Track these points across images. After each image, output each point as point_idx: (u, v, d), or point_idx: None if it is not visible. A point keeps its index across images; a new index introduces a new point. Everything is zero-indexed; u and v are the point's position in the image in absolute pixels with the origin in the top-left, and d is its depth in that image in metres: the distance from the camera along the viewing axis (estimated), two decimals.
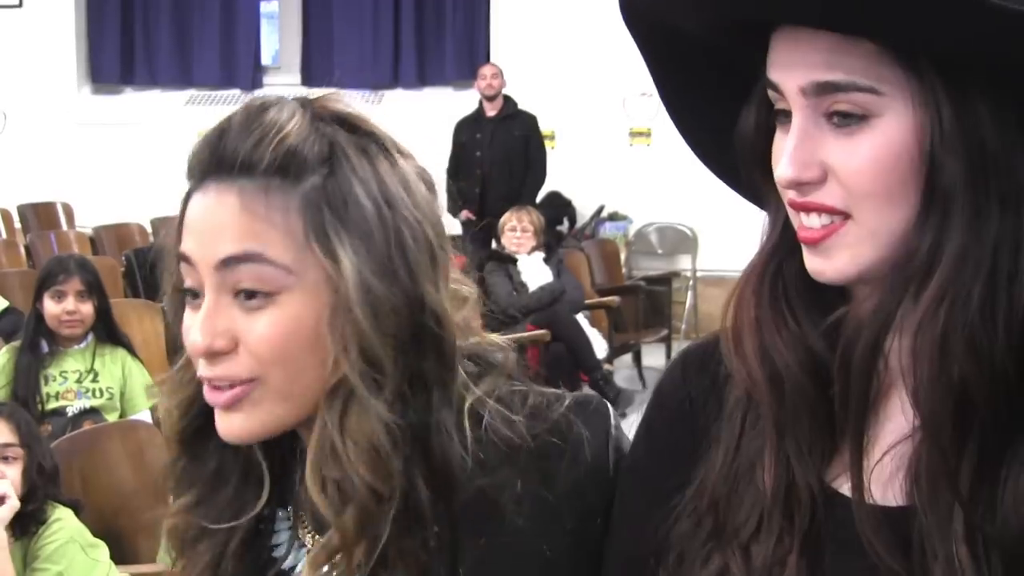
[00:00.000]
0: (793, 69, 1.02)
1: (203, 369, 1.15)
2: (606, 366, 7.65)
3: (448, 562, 1.16)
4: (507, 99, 9.44)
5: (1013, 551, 0.99)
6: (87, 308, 4.82)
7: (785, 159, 1.02)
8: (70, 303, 4.77)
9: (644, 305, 8.83)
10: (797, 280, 1.09)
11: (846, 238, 1.03)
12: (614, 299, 8.18)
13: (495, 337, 1.26)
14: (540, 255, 7.66)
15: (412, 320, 1.13)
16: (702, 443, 1.16)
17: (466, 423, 1.17)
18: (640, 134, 10.27)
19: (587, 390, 7.08)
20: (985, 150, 0.98)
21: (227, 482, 1.24)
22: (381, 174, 1.15)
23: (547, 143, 9.68)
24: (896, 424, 1.06)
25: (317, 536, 1.23)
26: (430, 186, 1.21)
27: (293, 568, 1.25)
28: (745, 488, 1.10)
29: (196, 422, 1.23)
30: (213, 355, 1.13)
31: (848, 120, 1.01)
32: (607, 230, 10.21)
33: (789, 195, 1.05)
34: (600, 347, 7.62)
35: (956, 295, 0.99)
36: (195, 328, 1.14)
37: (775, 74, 1.04)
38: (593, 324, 7.81)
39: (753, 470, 1.10)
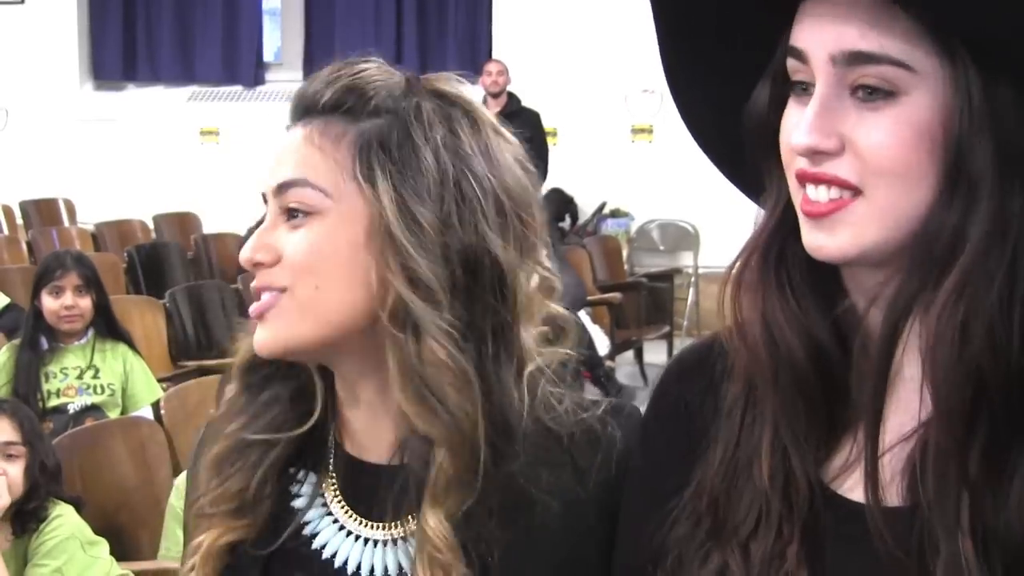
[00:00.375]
0: (824, 36, 1.00)
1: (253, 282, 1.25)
2: (608, 363, 7.65)
3: (486, 514, 1.19)
4: (511, 96, 9.44)
5: (1017, 549, 0.98)
6: (85, 302, 4.82)
7: (804, 126, 1.01)
8: (68, 298, 4.77)
9: (646, 302, 8.82)
10: (800, 263, 1.08)
11: (853, 214, 1.01)
12: (616, 296, 8.18)
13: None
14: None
15: (467, 252, 1.18)
16: (699, 445, 1.15)
17: (524, 383, 1.21)
18: (642, 131, 10.26)
19: (588, 387, 7.09)
20: (1012, 137, 0.98)
21: (277, 404, 1.29)
22: (458, 136, 1.21)
23: (549, 140, 9.67)
24: (894, 424, 1.05)
25: (347, 507, 1.26)
26: (528, 171, 1.26)
27: (315, 536, 1.27)
28: (744, 485, 1.10)
29: (256, 356, 1.29)
30: (256, 266, 1.22)
31: (874, 95, 1.00)
32: (609, 227, 10.21)
33: (799, 165, 1.03)
34: (602, 344, 7.62)
35: (979, 282, 0.98)
36: (246, 244, 1.24)
37: (803, 40, 1.02)
38: (595, 321, 7.81)
39: (751, 467, 1.10)
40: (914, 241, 1.02)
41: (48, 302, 4.79)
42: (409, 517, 1.23)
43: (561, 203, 10.05)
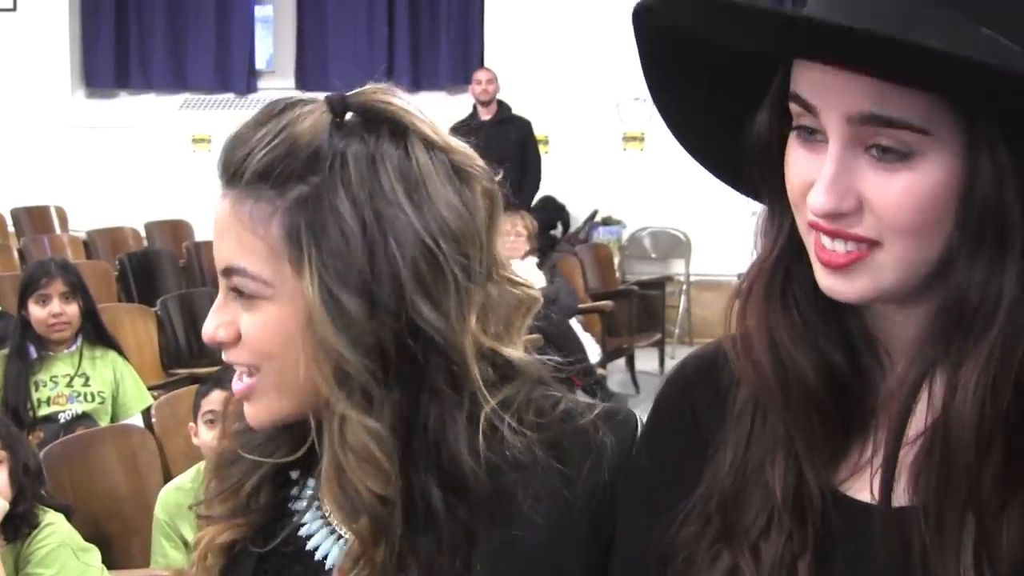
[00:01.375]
0: (839, 96, 0.99)
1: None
2: (599, 370, 7.65)
3: (463, 555, 1.19)
4: (501, 104, 9.45)
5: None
6: (72, 309, 4.81)
7: (822, 188, 1.00)
8: (55, 306, 4.77)
9: (637, 309, 8.83)
10: (807, 287, 1.08)
11: (871, 263, 1.02)
12: (607, 303, 8.19)
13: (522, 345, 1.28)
14: (533, 260, 7.67)
15: (398, 334, 1.16)
16: (706, 452, 1.15)
17: (481, 427, 1.19)
18: (634, 139, 10.27)
19: (580, 395, 7.09)
20: None
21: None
22: (383, 183, 1.16)
23: (541, 148, 9.68)
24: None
25: (339, 511, 1.27)
26: (467, 179, 1.21)
27: (309, 537, 1.28)
28: (754, 487, 1.10)
29: None
30: (220, 344, 1.22)
31: (888, 155, 0.99)
32: (601, 235, 10.21)
33: (814, 218, 1.03)
34: (593, 351, 7.62)
35: (1011, 341, 0.99)
36: (208, 319, 1.23)
37: (813, 95, 1.01)
38: (587, 328, 7.82)
39: (762, 469, 1.10)
40: (930, 286, 1.03)
41: (35, 311, 4.78)
42: None
43: (552, 211, 10.06)
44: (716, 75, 1.12)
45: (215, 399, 3.50)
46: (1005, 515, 1.00)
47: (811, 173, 1.03)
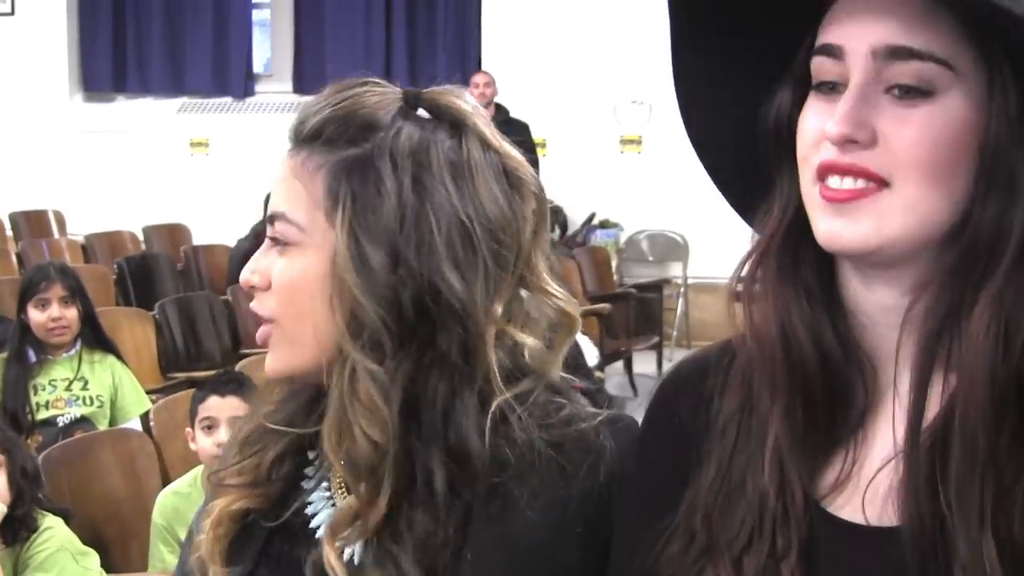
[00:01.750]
0: (866, 29, 1.01)
1: None
2: (597, 373, 7.65)
3: (457, 539, 1.20)
4: (499, 107, 9.45)
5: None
6: (71, 313, 4.81)
7: (839, 115, 1.01)
8: (55, 310, 4.77)
9: (635, 312, 8.82)
10: (815, 267, 1.08)
11: (877, 204, 1.01)
12: (605, 306, 8.18)
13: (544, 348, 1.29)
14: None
15: (417, 294, 1.20)
16: (692, 461, 1.15)
17: (491, 413, 1.21)
18: (631, 142, 10.28)
19: (583, 401, 7.08)
20: None
21: (298, 399, 1.34)
22: (429, 167, 1.23)
23: (538, 151, 9.69)
24: (881, 443, 1.06)
25: (344, 489, 1.29)
26: (516, 184, 1.27)
27: (315, 515, 1.31)
28: (737, 500, 1.09)
29: None
30: (252, 289, 1.29)
31: (910, 93, 1.00)
32: (598, 237, 10.21)
33: (826, 156, 1.02)
34: (591, 354, 7.61)
35: (1021, 285, 0.99)
36: (248, 265, 1.30)
37: (840, 35, 1.03)
38: (584, 331, 7.80)
39: (744, 483, 1.09)
40: (931, 245, 1.02)
41: (35, 315, 4.78)
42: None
43: (550, 214, 10.05)
44: (738, 59, 1.13)
45: (212, 405, 3.50)
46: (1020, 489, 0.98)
47: (826, 120, 1.03)
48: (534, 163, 7.13)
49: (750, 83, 1.12)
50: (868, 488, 1.05)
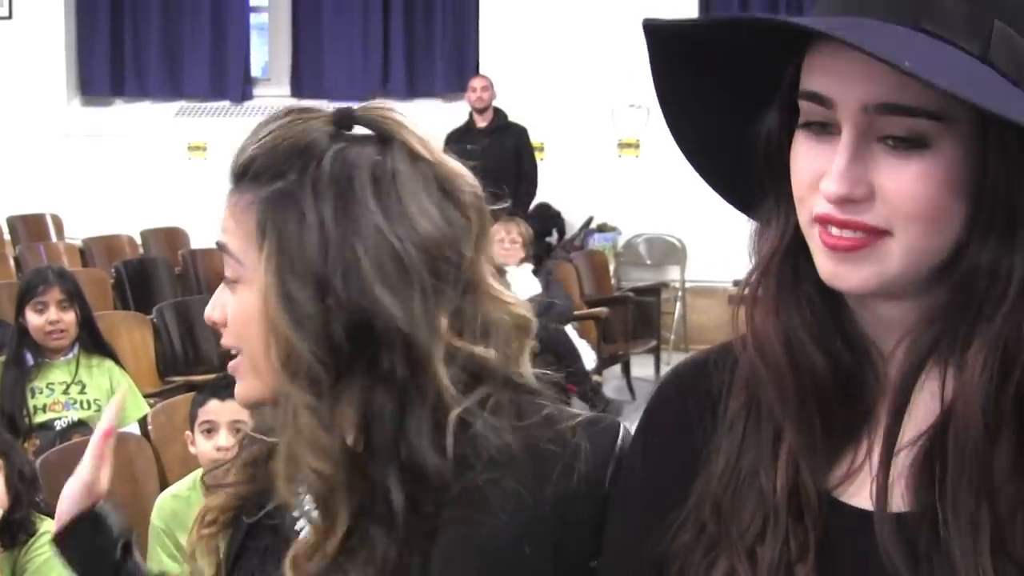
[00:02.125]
0: (856, 85, 1.01)
1: None
2: (595, 377, 7.65)
3: (423, 549, 1.21)
4: (497, 111, 9.46)
5: None
6: (69, 317, 4.82)
7: (835, 175, 1.01)
8: (52, 313, 4.78)
9: (633, 316, 8.83)
10: (814, 282, 1.09)
11: (878, 251, 1.03)
12: (603, 310, 8.19)
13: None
14: (529, 267, 7.67)
15: (350, 325, 1.20)
16: (699, 458, 1.16)
17: (450, 424, 1.21)
18: (629, 145, 10.28)
19: (576, 401, 7.09)
20: None
21: None
22: (355, 185, 1.22)
23: (536, 155, 9.69)
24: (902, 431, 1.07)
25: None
26: (453, 194, 1.26)
27: (299, 517, 1.32)
28: (748, 491, 1.11)
29: None
30: (214, 325, 1.33)
31: (903, 143, 1.00)
32: (596, 241, 10.22)
33: (823, 210, 1.03)
34: (589, 358, 7.62)
35: (1021, 323, 1.00)
36: (211, 300, 1.33)
37: (827, 86, 1.03)
38: (582, 335, 7.82)
39: (756, 475, 1.11)
40: (932, 278, 1.04)
41: (32, 318, 4.79)
42: None
43: (548, 218, 10.07)
44: (724, 81, 1.13)
45: (212, 409, 3.49)
46: (1020, 507, 1.00)
47: (821, 165, 1.03)
48: (533, 167, 7.12)
49: (732, 108, 1.13)
50: (876, 476, 1.06)
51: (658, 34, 1.11)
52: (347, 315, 1.20)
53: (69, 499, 1.80)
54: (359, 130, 1.27)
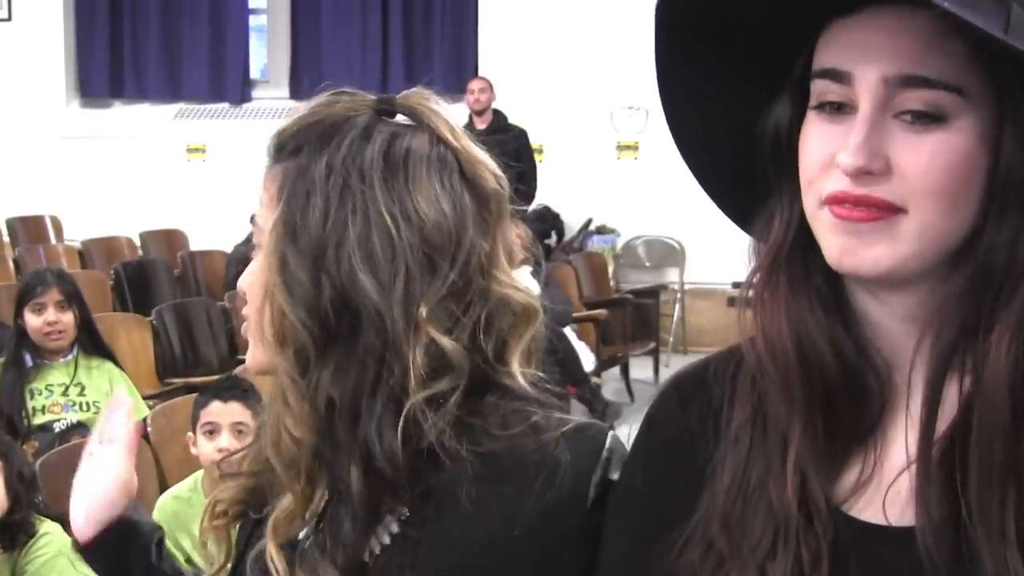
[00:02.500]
0: (876, 57, 1.00)
1: None
2: (594, 379, 7.66)
3: (399, 550, 1.22)
4: (497, 113, 9.46)
5: None
6: (68, 318, 4.82)
7: (852, 147, 1.00)
8: (51, 314, 4.78)
9: (632, 318, 8.83)
10: (825, 277, 1.08)
11: (891, 228, 1.01)
12: (602, 312, 8.18)
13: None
14: (528, 268, 7.67)
15: (337, 304, 1.21)
16: (704, 471, 1.13)
17: (406, 416, 1.20)
18: (628, 147, 10.29)
19: (575, 403, 7.09)
20: None
21: None
22: (364, 161, 1.23)
23: (535, 156, 9.69)
24: (902, 445, 1.06)
25: None
26: (474, 183, 1.27)
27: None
28: (757, 505, 1.08)
29: None
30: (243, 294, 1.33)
31: (921, 118, 0.99)
32: (595, 243, 10.22)
33: (837, 186, 1.02)
34: (588, 360, 7.62)
35: None
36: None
37: (845, 60, 1.01)
38: (581, 337, 7.82)
39: (764, 488, 1.08)
40: (942, 265, 1.02)
41: (31, 319, 4.79)
42: None
43: (547, 220, 10.07)
44: (732, 69, 1.12)
45: (214, 410, 3.49)
46: None
47: (834, 146, 1.02)
48: (532, 170, 7.12)
49: (739, 97, 1.12)
50: (889, 490, 1.05)
51: (669, 7, 1.09)
52: (334, 290, 1.21)
53: (104, 503, 1.80)
54: (400, 118, 1.29)
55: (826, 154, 1.03)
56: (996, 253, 1.00)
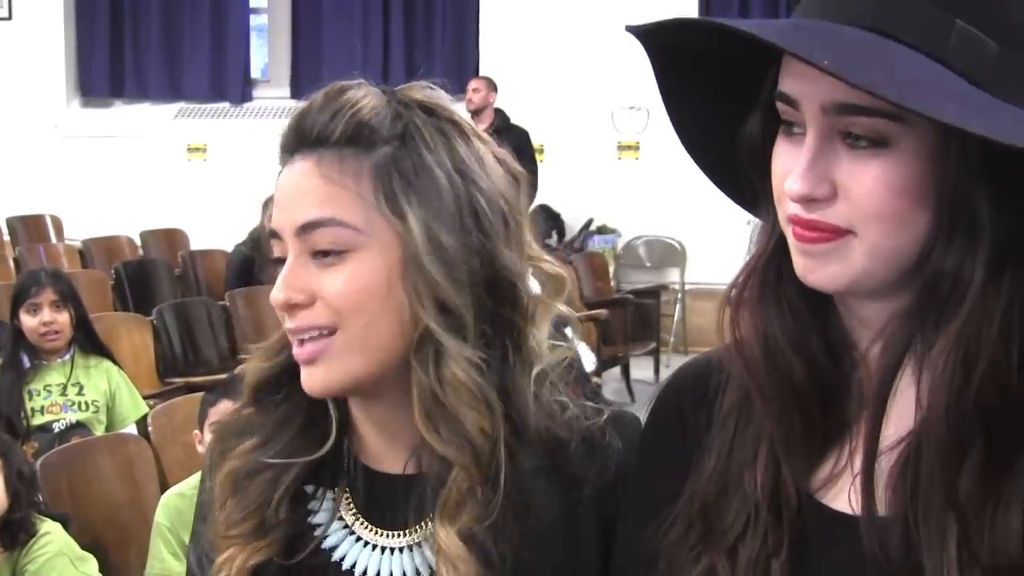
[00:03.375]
0: (815, 86, 1.01)
1: (286, 322, 1.25)
2: (594, 379, 7.65)
3: (500, 539, 1.22)
4: (499, 112, 9.44)
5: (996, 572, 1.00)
6: (63, 317, 4.81)
7: (797, 174, 1.03)
8: (46, 314, 4.77)
9: (632, 318, 8.82)
10: (796, 286, 1.09)
11: (843, 249, 1.03)
12: (602, 312, 8.18)
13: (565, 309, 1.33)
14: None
15: (486, 272, 1.22)
16: (692, 456, 1.18)
17: (535, 389, 1.25)
18: (628, 148, 10.29)
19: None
20: (1009, 181, 0.99)
21: (291, 426, 1.31)
22: (455, 148, 1.25)
23: (536, 156, 9.69)
24: (883, 435, 1.07)
25: (362, 519, 1.30)
26: (507, 167, 1.29)
27: (334, 549, 1.30)
28: (734, 491, 1.13)
29: (273, 372, 1.32)
30: (292, 308, 1.22)
31: (862, 142, 1.01)
32: (596, 243, 10.22)
33: (791, 210, 1.05)
34: (588, 360, 7.61)
35: (981, 321, 1.00)
36: (276, 286, 1.24)
37: (793, 88, 1.04)
38: (582, 337, 7.81)
39: (742, 475, 1.13)
40: (902, 279, 1.04)
41: (27, 320, 4.78)
42: (424, 523, 1.26)
43: (548, 220, 10.07)
44: (715, 83, 1.14)
45: (223, 409, 3.46)
46: (987, 515, 1.00)
47: (791, 165, 1.04)
48: (534, 170, 7.08)
49: (725, 110, 1.14)
50: (856, 480, 1.07)
51: (643, 39, 1.12)
52: (481, 264, 1.22)
53: None
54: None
55: (786, 173, 1.06)
56: (942, 276, 1.02)
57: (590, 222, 10.32)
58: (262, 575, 1.29)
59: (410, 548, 1.28)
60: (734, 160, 1.15)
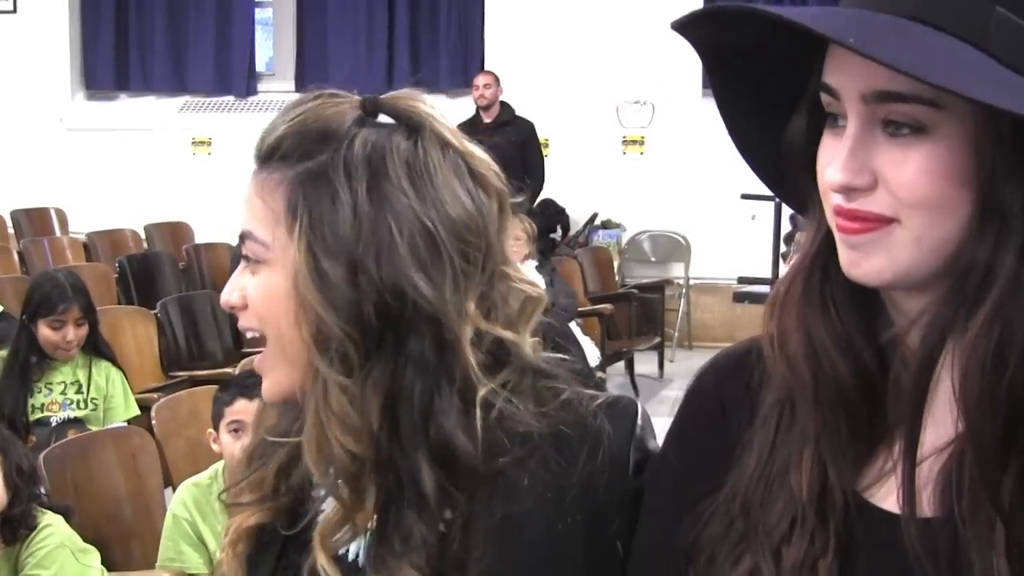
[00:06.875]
0: (855, 75, 1.02)
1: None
2: (599, 374, 7.65)
3: (460, 535, 1.22)
4: (504, 105, 9.43)
5: None
6: (83, 332, 4.81)
7: (837, 164, 1.03)
8: (69, 332, 4.75)
9: (637, 313, 8.83)
10: (843, 283, 1.09)
11: (889, 238, 1.03)
12: (607, 307, 8.19)
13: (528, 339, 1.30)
14: (533, 263, 7.67)
15: (382, 306, 1.20)
16: (735, 449, 1.17)
17: (476, 410, 1.22)
18: (633, 142, 10.28)
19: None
20: None
21: (292, 411, 1.33)
22: (388, 166, 1.22)
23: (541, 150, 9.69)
24: (930, 436, 1.06)
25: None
26: (482, 182, 1.27)
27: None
28: (778, 491, 1.12)
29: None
30: (233, 308, 1.30)
31: (902, 130, 1.01)
32: (600, 238, 10.22)
33: (835, 200, 1.05)
34: (593, 355, 7.62)
35: (1011, 313, 0.99)
36: (227, 285, 1.31)
37: (834, 78, 1.04)
38: (586, 332, 7.82)
39: (787, 473, 1.12)
40: (947, 270, 1.03)
41: (47, 333, 4.74)
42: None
43: (552, 214, 10.06)
44: (763, 84, 1.14)
45: (240, 408, 3.44)
46: None
47: (835, 156, 1.04)
48: (540, 162, 7.10)
49: (777, 106, 1.14)
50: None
51: (687, 34, 1.12)
52: (378, 295, 1.20)
53: None
54: (383, 118, 1.27)
55: (829, 165, 1.06)
56: (976, 266, 1.01)
57: (595, 216, 10.32)
58: (265, 543, 1.34)
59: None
60: (782, 160, 1.15)
